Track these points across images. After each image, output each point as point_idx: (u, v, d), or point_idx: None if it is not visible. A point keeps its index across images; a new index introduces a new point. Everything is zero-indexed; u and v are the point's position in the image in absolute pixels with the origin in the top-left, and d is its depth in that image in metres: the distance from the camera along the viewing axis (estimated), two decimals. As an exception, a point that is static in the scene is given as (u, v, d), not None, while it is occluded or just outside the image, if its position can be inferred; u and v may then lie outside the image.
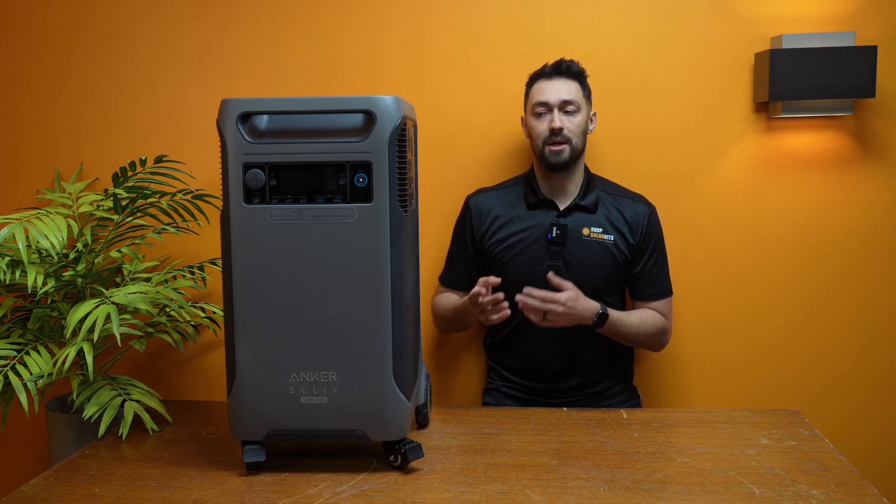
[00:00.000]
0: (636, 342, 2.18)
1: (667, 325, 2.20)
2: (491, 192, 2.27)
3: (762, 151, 2.35)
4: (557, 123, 2.09)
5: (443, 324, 2.29)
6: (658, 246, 2.21)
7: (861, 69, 2.18)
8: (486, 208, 2.22)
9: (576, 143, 2.12)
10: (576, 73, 2.15)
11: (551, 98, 2.12)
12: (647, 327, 2.15)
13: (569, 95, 2.12)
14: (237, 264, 1.56)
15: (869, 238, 2.36)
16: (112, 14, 2.43)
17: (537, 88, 2.15)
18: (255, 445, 1.62)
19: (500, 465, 1.64)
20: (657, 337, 2.19)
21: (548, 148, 2.12)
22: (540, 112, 2.14)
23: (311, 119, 1.55)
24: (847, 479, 1.55)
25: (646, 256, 2.18)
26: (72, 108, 2.47)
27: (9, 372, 1.84)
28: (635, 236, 2.17)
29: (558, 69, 2.15)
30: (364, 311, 1.55)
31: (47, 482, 1.60)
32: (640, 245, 2.18)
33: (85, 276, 2.04)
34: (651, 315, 2.17)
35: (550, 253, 2.14)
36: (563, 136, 2.10)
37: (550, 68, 2.15)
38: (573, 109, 2.12)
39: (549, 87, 2.13)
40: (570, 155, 2.12)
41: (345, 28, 2.39)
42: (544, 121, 2.13)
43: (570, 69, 2.15)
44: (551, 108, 2.12)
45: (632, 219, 2.17)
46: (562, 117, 2.11)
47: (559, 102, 2.11)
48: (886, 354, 2.39)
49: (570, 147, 2.11)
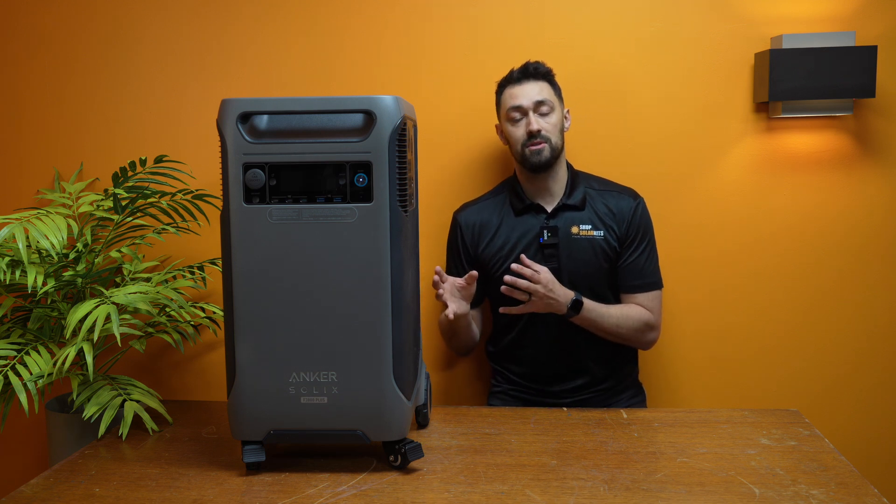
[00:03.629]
0: (617, 336, 2.13)
1: (652, 320, 2.15)
2: (476, 204, 2.26)
3: (762, 151, 2.35)
4: (535, 125, 2.10)
5: (447, 341, 2.27)
6: (645, 237, 2.18)
7: (861, 69, 2.18)
8: (474, 222, 2.22)
9: (555, 141, 2.12)
10: (544, 74, 2.15)
11: (524, 101, 2.12)
12: (629, 321, 2.12)
13: (541, 96, 2.12)
14: (237, 264, 1.56)
15: (869, 238, 2.36)
16: (112, 14, 2.43)
17: (508, 94, 2.15)
18: (255, 445, 1.62)
19: (500, 465, 1.64)
20: (640, 332, 2.14)
21: (527, 149, 2.12)
22: (515, 117, 2.14)
23: (311, 119, 1.56)
24: (847, 479, 1.55)
25: (632, 247, 2.17)
26: (72, 108, 2.47)
27: (9, 372, 1.84)
28: (621, 228, 2.16)
29: (526, 72, 2.15)
30: (364, 311, 1.55)
31: (47, 482, 1.60)
32: (625, 236, 2.16)
33: (85, 276, 2.04)
34: (634, 309, 2.15)
35: (544, 256, 2.13)
36: (542, 136, 2.11)
37: (518, 73, 2.15)
38: (547, 110, 2.12)
39: (521, 92, 2.13)
40: (550, 154, 2.12)
41: (345, 28, 2.39)
42: (521, 125, 2.13)
43: (537, 70, 2.15)
44: (526, 111, 2.12)
45: (619, 211, 2.17)
46: (538, 118, 2.11)
47: (533, 104, 2.11)
48: (886, 354, 2.39)
49: (549, 146, 2.11)
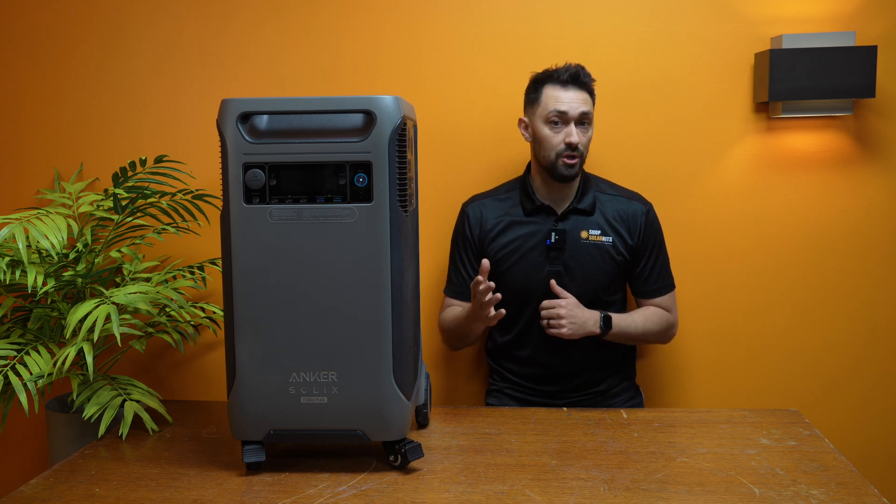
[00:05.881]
0: (644, 341, 2.19)
1: (672, 319, 2.21)
2: (486, 198, 2.24)
3: (762, 151, 2.35)
4: (575, 139, 2.04)
5: (449, 337, 2.24)
6: (657, 244, 2.20)
7: (861, 69, 2.18)
8: (483, 215, 2.20)
9: (585, 157, 2.10)
10: (589, 85, 2.09)
11: (570, 110, 2.05)
12: (653, 325, 2.16)
13: (586, 107, 2.06)
14: (237, 264, 1.56)
15: (869, 238, 2.36)
16: (112, 14, 2.43)
17: (552, 95, 2.07)
18: (255, 445, 1.62)
19: (500, 465, 1.64)
20: (664, 332, 2.20)
21: (562, 160, 2.06)
22: (556, 121, 2.06)
23: (311, 119, 1.55)
24: (847, 479, 1.55)
25: (646, 256, 2.18)
26: (72, 108, 2.47)
27: (9, 372, 1.84)
28: (634, 237, 2.16)
29: (576, 79, 2.06)
30: (364, 311, 1.55)
31: (47, 482, 1.60)
32: (639, 245, 2.17)
33: (85, 276, 2.04)
34: (655, 312, 2.18)
35: (550, 258, 2.13)
36: (578, 150, 2.06)
37: (567, 76, 2.06)
38: (587, 123, 2.08)
39: (567, 98, 2.05)
40: (579, 168, 2.09)
41: (345, 28, 2.39)
42: (560, 132, 2.06)
43: (586, 80, 2.08)
44: (569, 120, 2.05)
45: (629, 218, 2.16)
46: (579, 132, 2.06)
47: (578, 115, 2.05)
48: (886, 354, 2.39)
49: (580, 161, 2.08)
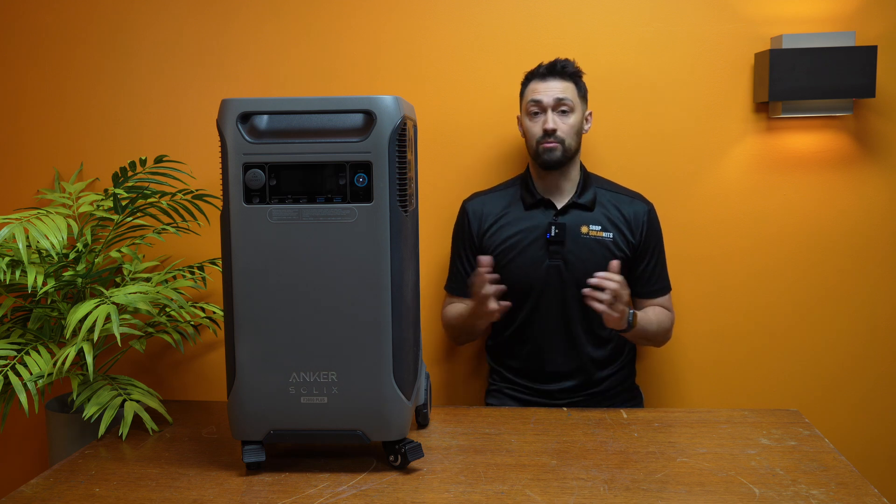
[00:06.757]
0: (654, 341, 2.19)
1: (673, 319, 2.23)
2: (487, 194, 2.26)
3: (762, 151, 2.35)
4: (550, 124, 2.10)
5: (454, 333, 2.26)
6: (658, 244, 2.21)
7: (861, 69, 2.18)
8: (483, 211, 2.22)
9: (569, 143, 2.12)
10: (571, 74, 2.15)
11: (545, 98, 2.12)
12: (662, 324, 2.17)
13: (562, 95, 2.12)
14: (237, 264, 1.56)
15: (869, 238, 2.36)
16: (112, 14, 2.43)
17: (531, 88, 2.16)
18: (255, 445, 1.62)
19: (500, 465, 1.63)
20: (668, 332, 2.21)
21: (541, 146, 2.12)
22: (534, 112, 2.14)
23: (311, 119, 1.55)
24: (847, 479, 1.55)
25: (648, 256, 2.19)
26: (72, 108, 2.47)
27: (9, 372, 1.84)
28: (636, 235, 2.17)
29: (552, 69, 2.14)
30: (364, 311, 1.55)
31: (47, 482, 1.60)
32: (641, 245, 2.18)
33: (85, 276, 2.04)
34: (662, 312, 2.19)
35: (550, 252, 2.14)
36: (556, 136, 2.11)
37: (545, 68, 2.15)
38: (567, 109, 2.12)
39: (543, 87, 2.13)
40: (562, 155, 2.12)
41: (345, 28, 2.39)
42: (538, 121, 2.13)
43: (564, 69, 2.14)
44: (545, 108, 2.12)
45: (631, 217, 2.17)
46: (555, 118, 2.11)
47: (553, 102, 2.11)
48: (886, 354, 2.39)
49: (562, 147, 2.11)
